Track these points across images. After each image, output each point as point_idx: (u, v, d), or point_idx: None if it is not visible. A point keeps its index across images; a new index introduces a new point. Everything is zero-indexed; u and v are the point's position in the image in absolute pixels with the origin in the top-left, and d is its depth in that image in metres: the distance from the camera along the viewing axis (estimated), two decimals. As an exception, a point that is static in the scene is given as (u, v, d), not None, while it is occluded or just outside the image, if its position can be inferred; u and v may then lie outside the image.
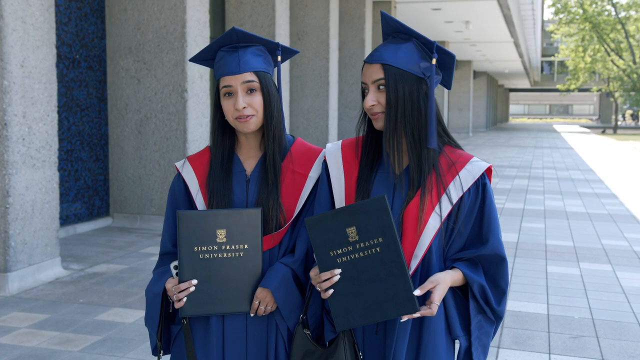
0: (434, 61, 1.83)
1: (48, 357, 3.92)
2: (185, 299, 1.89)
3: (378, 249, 1.72)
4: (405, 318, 1.74)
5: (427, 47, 1.84)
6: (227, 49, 1.97)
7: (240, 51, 1.95)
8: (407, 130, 1.82)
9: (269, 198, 1.94)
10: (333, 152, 1.98)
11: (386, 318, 1.74)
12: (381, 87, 1.82)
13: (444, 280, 1.79)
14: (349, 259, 1.74)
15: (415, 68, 1.82)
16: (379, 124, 1.85)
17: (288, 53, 2.08)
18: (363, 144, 1.94)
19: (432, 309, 1.75)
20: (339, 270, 1.74)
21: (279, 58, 2.03)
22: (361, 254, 1.73)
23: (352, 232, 1.73)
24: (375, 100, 1.82)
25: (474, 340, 1.89)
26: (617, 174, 16.00)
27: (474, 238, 1.89)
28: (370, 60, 1.84)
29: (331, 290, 1.74)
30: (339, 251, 1.74)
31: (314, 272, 1.82)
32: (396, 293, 1.72)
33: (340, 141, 2.01)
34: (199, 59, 2.05)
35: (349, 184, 1.91)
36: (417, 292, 1.74)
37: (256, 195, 1.97)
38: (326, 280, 1.75)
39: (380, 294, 1.72)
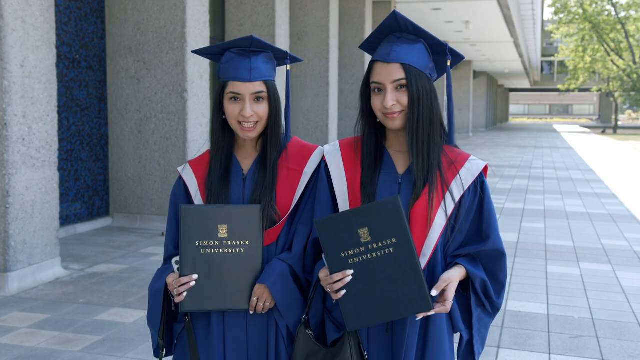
0: (449, 62, 1.89)
1: (48, 357, 3.92)
2: (185, 294, 1.89)
3: (391, 250, 1.74)
4: (420, 316, 1.77)
5: (439, 48, 1.88)
6: (238, 52, 1.97)
7: (252, 57, 1.96)
8: (425, 130, 1.85)
9: (262, 197, 1.95)
10: (332, 153, 1.99)
11: (399, 317, 1.77)
12: (401, 87, 1.83)
13: (455, 279, 1.83)
14: (361, 259, 1.75)
15: (426, 70, 1.86)
16: (395, 124, 1.86)
17: (294, 61, 2.11)
18: (363, 145, 1.95)
19: (447, 306, 1.79)
20: (351, 271, 1.75)
21: (289, 67, 2.06)
22: (374, 254, 1.75)
23: (364, 233, 1.74)
24: (395, 99, 1.83)
25: (475, 333, 1.93)
26: (617, 174, 16.00)
27: (474, 235, 1.93)
28: (387, 59, 1.83)
29: (343, 291, 1.76)
30: (351, 252, 1.75)
31: (323, 274, 1.82)
32: (410, 292, 1.73)
33: (337, 141, 2.02)
34: (204, 52, 2.05)
35: (352, 186, 1.92)
36: (434, 293, 1.77)
37: (250, 195, 1.99)
38: (338, 281, 1.76)
39: (393, 294, 1.74)
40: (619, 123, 53.38)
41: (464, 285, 1.94)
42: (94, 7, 7.87)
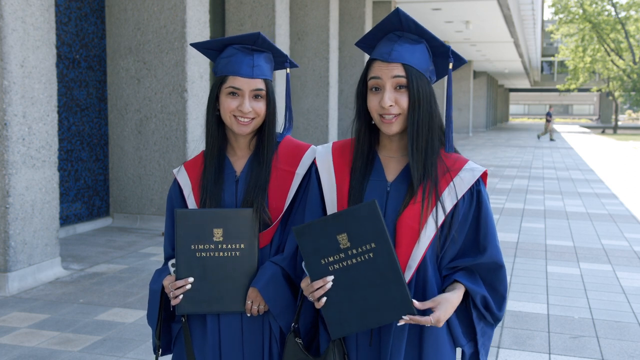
0: (450, 65, 1.81)
1: (48, 357, 3.92)
2: (181, 297, 1.90)
3: (371, 255, 1.69)
4: (401, 322, 1.70)
5: (441, 50, 1.81)
6: (240, 48, 1.96)
7: (255, 55, 1.95)
8: (425, 135, 1.76)
9: (254, 200, 1.95)
10: (323, 156, 1.93)
11: (382, 323, 1.72)
12: (400, 87, 1.75)
13: (447, 300, 1.74)
14: (341, 266, 1.71)
15: (426, 72, 1.79)
16: (392, 129, 1.77)
17: (292, 65, 2.10)
18: (356, 148, 1.87)
19: (432, 319, 1.69)
20: (331, 277, 1.70)
21: (288, 70, 2.05)
22: (353, 260, 1.70)
23: (343, 238, 1.70)
24: (393, 100, 1.74)
25: (480, 347, 1.87)
26: (617, 174, 16.00)
27: (470, 246, 1.83)
28: (387, 58, 1.75)
29: (324, 299, 1.71)
30: (331, 259, 1.71)
31: (305, 283, 1.78)
32: (392, 297, 1.69)
33: (331, 144, 1.96)
34: (202, 47, 2.03)
35: (340, 191, 1.85)
36: (417, 303, 1.71)
37: (242, 197, 1.98)
38: (319, 288, 1.71)
39: (375, 299, 1.70)
40: (619, 123, 53.40)
41: (464, 299, 1.85)
42: (94, 7, 7.87)
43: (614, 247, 7.39)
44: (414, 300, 1.71)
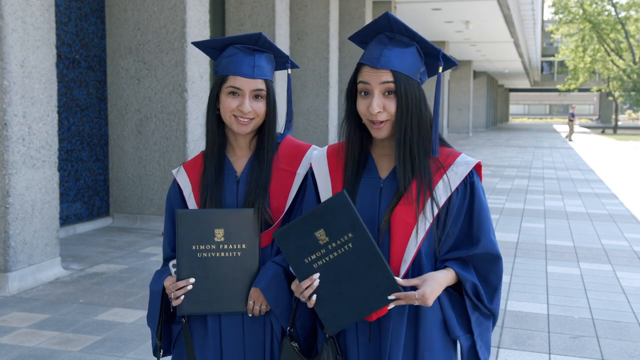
0: (440, 69, 1.80)
1: (48, 357, 3.92)
2: (182, 297, 1.90)
3: (350, 245, 1.72)
4: (392, 305, 1.72)
5: (432, 52, 1.80)
6: (242, 48, 1.96)
7: (256, 55, 1.95)
8: (413, 139, 1.77)
9: (256, 200, 1.95)
10: (318, 160, 1.94)
11: (375, 309, 1.74)
12: (389, 92, 1.75)
13: (433, 277, 1.75)
14: (324, 261, 1.74)
15: (416, 75, 1.78)
16: (381, 134, 1.78)
17: (293, 66, 2.11)
18: (347, 149, 1.88)
19: (417, 294, 1.70)
20: (317, 274, 1.73)
21: (289, 71, 2.06)
22: (335, 253, 1.73)
23: (321, 234, 1.73)
24: (381, 106, 1.74)
25: (477, 337, 1.86)
26: (617, 174, 16.00)
27: (464, 238, 1.84)
28: (375, 64, 1.75)
29: (315, 297, 1.73)
30: (313, 256, 1.74)
31: (294, 285, 1.80)
32: (378, 282, 1.72)
33: (325, 148, 1.98)
34: (204, 45, 2.03)
35: (335, 192, 1.87)
36: (401, 280, 1.72)
37: (244, 197, 1.98)
38: (307, 288, 1.74)
39: (364, 288, 1.73)
40: (619, 123, 53.41)
41: (460, 289, 1.86)
42: (94, 7, 7.87)
43: (614, 247, 7.39)
44: (398, 279, 1.72)
